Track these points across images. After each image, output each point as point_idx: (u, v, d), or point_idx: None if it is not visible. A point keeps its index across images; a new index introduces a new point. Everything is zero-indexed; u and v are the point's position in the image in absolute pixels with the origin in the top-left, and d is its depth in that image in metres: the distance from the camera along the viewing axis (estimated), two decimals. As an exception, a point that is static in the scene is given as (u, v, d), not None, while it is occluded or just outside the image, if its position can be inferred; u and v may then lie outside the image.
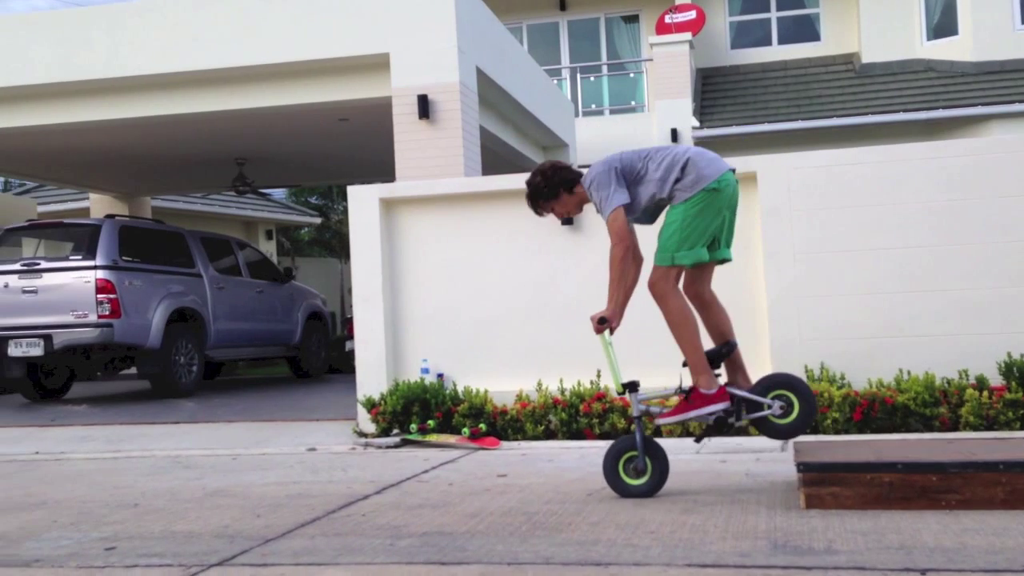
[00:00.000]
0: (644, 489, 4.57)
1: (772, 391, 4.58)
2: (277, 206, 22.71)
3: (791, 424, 4.55)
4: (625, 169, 4.64)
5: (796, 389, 4.58)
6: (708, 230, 4.57)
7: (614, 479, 4.62)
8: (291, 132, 11.92)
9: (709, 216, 4.55)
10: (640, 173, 4.64)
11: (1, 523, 4.74)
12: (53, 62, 9.87)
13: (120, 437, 8.02)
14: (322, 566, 3.64)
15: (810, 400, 4.55)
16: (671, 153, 4.65)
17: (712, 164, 4.59)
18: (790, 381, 4.63)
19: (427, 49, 9.24)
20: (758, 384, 4.65)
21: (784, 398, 4.57)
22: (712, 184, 4.52)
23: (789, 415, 4.54)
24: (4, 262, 10.52)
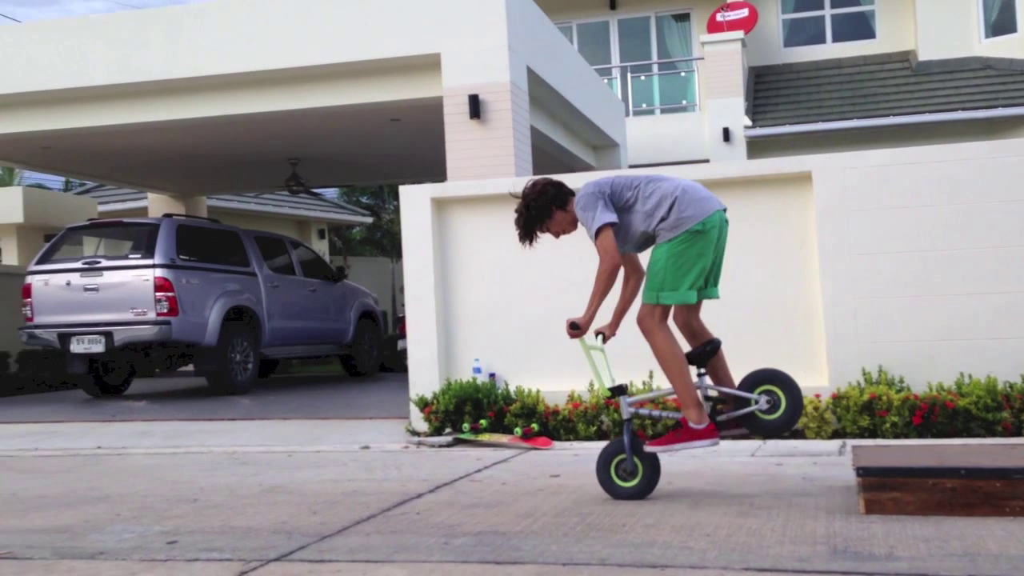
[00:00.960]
0: (635, 491, 4.60)
1: (759, 387, 4.55)
2: (329, 205, 22.94)
3: (778, 419, 4.51)
4: (614, 195, 4.63)
5: (783, 384, 4.54)
6: (692, 271, 4.52)
7: (607, 481, 4.67)
8: (343, 132, 12.04)
9: (692, 257, 4.51)
10: (629, 202, 4.62)
11: (66, 516, 4.86)
12: (111, 64, 10.07)
13: (179, 433, 8.17)
14: (378, 563, 3.67)
15: (796, 395, 4.51)
16: (660, 188, 4.59)
17: (697, 205, 4.54)
18: (776, 376, 4.58)
19: (478, 49, 9.27)
20: (745, 380, 4.61)
21: (771, 393, 4.53)
22: (695, 226, 4.50)
23: (776, 411, 4.51)
24: (66, 260, 10.77)
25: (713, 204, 4.58)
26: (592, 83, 12.92)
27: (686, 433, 4.53)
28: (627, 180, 4.69)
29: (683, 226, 4.50)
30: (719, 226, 4.57)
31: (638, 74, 18.02)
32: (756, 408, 4.52)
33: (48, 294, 10.50)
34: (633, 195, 4.62)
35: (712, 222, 4.53)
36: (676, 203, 4.52)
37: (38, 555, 4.03)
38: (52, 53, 10.20)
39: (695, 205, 4.52)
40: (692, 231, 4.49)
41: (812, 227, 7.04)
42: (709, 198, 4.61)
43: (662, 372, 4.69)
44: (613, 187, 4.64)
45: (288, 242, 13.07)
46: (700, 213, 4.51)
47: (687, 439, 4.52)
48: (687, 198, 4.53)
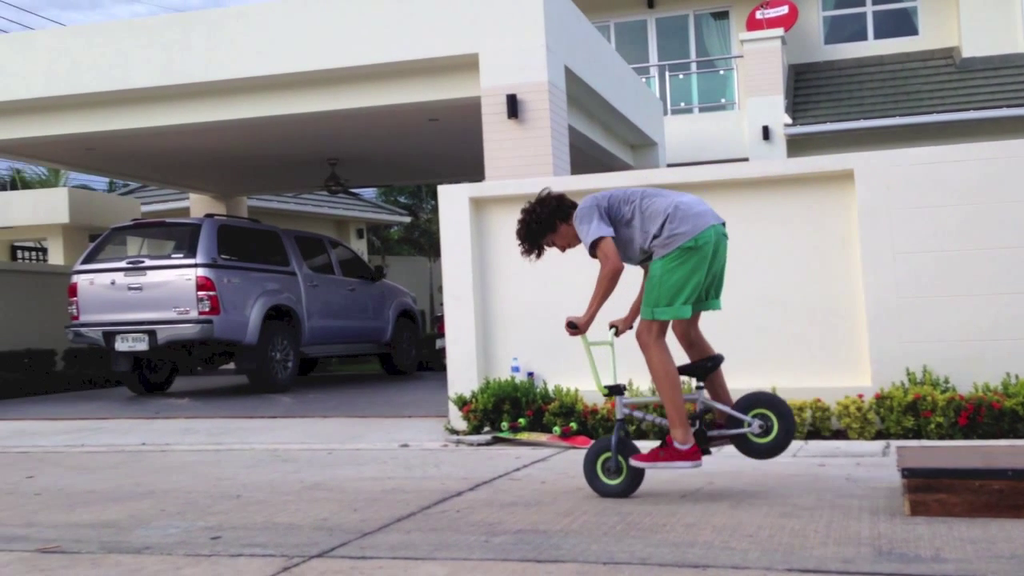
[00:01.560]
0: (619, 488, 4.67)
1: (753, 409, 4.59)
2: (367, 205, 23.08)
3: (769, 444, 4.56)
4: (611, 209, 4.68)
5: (777, 409, 4.59)
6: (686, 287, 4.55)
7: (592, 478, 4.75)
8: (382, 132, 12.11)
9: (686, 273, 4.54)
10: (626, 217, 4.67)
11: (113, 511, 4.93)
12: (154, 66, 10.21)
13: (221, 430, 8.26)
14: (419, 561, 3.69)
15: (789, 422, 4.55)
16: (655, 204, 4.63)
17: (691, 221, 4.56)
18: (772, 401, 4.63)
19: (516, 49, 9.28)
20: (740, 401, 4.65)
21: (764, 418, 4.57)
22: (687, 243, 4.53)
23: (768, 435, 4.56)
24: (111, 260, 10.94)
25: (707, 220, 4.60)
26: (630, 82, 12.88)
27: (670, 452, 4.57)
28: (625, 195, 4.73)
29: (675, 243, 4.54)
30: (714, 241, 4.59)
31: (676, 72, 17.93)
32: (748, 430, 4.57)
33: (93, 293, 10.67)
34: (630, 210, 4.68)
35: (705, 238, 4.55)
36: (668, 220, 4.57)
37: (85, 549, 4.10)
38: (96, 56, 10.37)
39: (688, 221, 4.56)
40: (684, 247, 4.53)
41: (854, 226, 6.96)
42: (703, 214, 4.62)
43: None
44: (611, 201, 4.70)
45: (327, 241, 13.17)
46: (692, 230, 4.54)
47: (670, 458, 4.57)
48: (680, 215, 4.57)
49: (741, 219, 7.35)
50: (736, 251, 7.29)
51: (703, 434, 4.64)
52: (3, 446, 8.06)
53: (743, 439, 4.60)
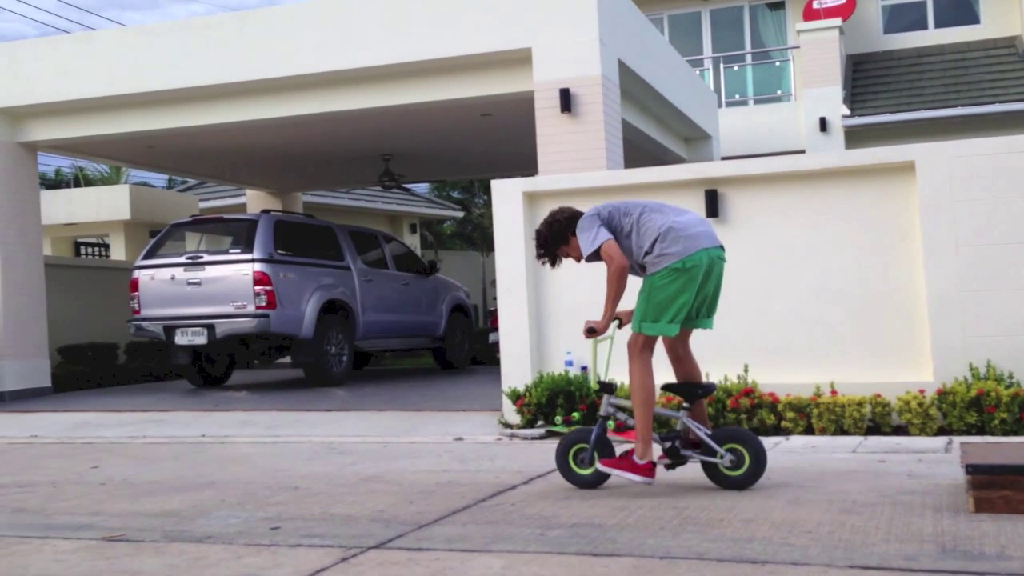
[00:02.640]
0: (590, 479, 4.85)
1: (727, 443, 4.73)
2: (421, 200, 23.20)
3: (738, 477, 4.70)
4: (611, 220, 4.79)
5: (749, 445, 4.71)
6: (672, 306, 4.65)
7: (564, 467, 4.93)
8: (435, 128, 12.16)
9: (672, 293, 4.64)
10: (625, 230, 4.77)
11: (175, 501, 5.03)
12: (212, 65, 10.37)
13: (278, 423, 8.38)
14: (475, 553, 3.71)
15: (761, 458, 4.69)
16: (651, 221, 4.72)
17: (682, 242, 4.63)
18: (746, 438, 4.75)
19: (569, 43, 9.25)
20: (717, 432, 4.80)
21: (736, 452, 4.71)
22: (675, 263, 4.62)
23: (738, 468, 4.70)
24: (171, 255, 11.13)
25: (700, 243, 4.66)
26: (684, 74, 12.77)
27: (627, 463, 4.71)
28: (626, 208, 4.83)
29: (663, 262, 4.64)
30: (705, 265, 4.66)
31: (731, 64, 17.73)
32: (720, 462, 4.71)
33: (154, 288, 10.87)
34: (629, 223, 4.77)
35: (694, 261, 4.62)
36: (660, 239, 4.66)
37: (149, 538, 4.19)
38: (156, 55, 10.56)
39: (679, 243, 4.64)
40: (672, 268, 4.63)
41: (915, 218, 6.83)
42: (697, 236, 4.68)
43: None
44: (612, 213, 4.81)
45: (381, 237, 13.26)
46: (682, 251, 4.62)
47: (626, 469, 4.71)
48: (672, 235, 4.65)
49: (798, 212, 7.27)
50: (792, 245, 7.24)
51: (676, 451, 4.79)
52: (69, 437, 8.27)
53: (713, 468, 4.76)
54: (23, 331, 11.29)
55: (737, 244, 7.37)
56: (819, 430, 6.56)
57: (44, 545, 4.14)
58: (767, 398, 6.79)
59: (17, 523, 4.64)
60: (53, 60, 10.94)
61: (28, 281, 11.44)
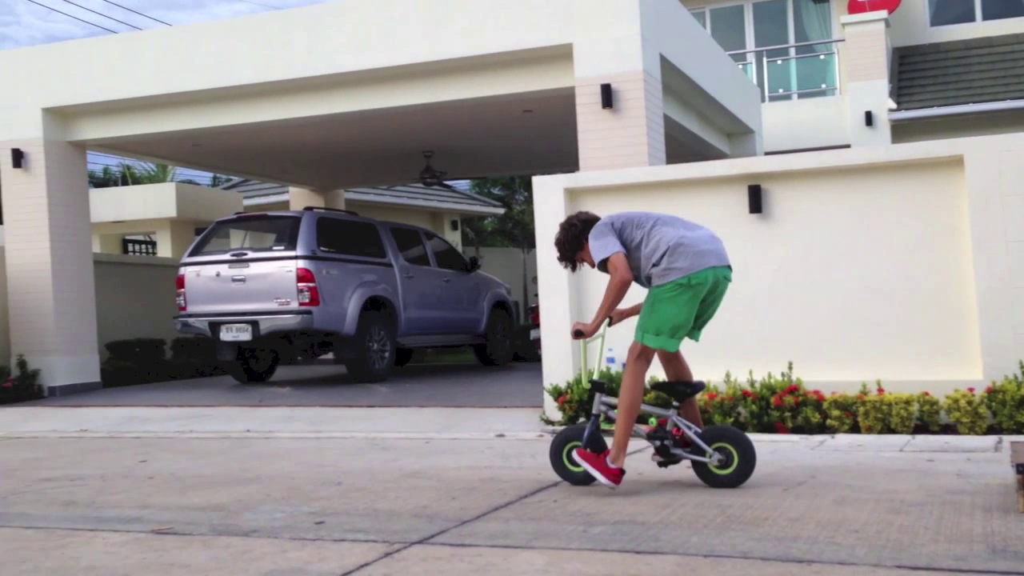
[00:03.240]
0: (584, 476, 4.87)
1: (716, 442, 4.77)
2: (462, 197, 23.26)
3: (727, 476, 4.75)
4: (624, 230, 4.86)
5: (738, 444, 4.75)
6: (676, 320, 4.72)
7: (558, 464, 4.98)
8: (477, 124, 12.18)
9: (677, 307, 4.70)
10: (636, 241, 4.83)
11: (221, 495, 5.10)
12: (256, 63, 10.48)
13: (321, 418, 8.45)
14: (518, 549, 3.71)
15: (749, 457, 4.73)
16: (662, 235, 4.76)
17: (690, 259, 4.68)
18: (735, 437, 4.79)
19: (610, 38, 9.22)
20: (706, 432, 4.84)
21: (725, 451, 4.76)
22: (681, 279, 4.67)
23: (727, 467, 4.75)
24: (216, 252, 11.27)
25: (707, 261, 4.70)
26: (726, 69, 12.67)
27: (600, 463, 4.77)
28: (639, 219, 4.88)
29: (669, 276, 4.69)
30: (710, 283, 4.72)
31: (774, 58, 17.54)
32: (709, 461, 4.76)
33: (199, 285, 11.02)
34: (641, 235, 4.82)
35: (699, 279, 4.68)
36: (668, 252, 4.70)
37: (197, 531, 4.25)
38: (201, 55, 10.69)
39: (687, 258, 4.68)
40: (677, 283, 4.67)
41: (964, 214, 6.72)
42: (706, 253, 4.72)
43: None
44: (625, 223, 4.88)
45: (423, 233, 13.32)
46: (689, 267, 4.67)
47: (596, 467, 4.77)
48: (681, 250, 4.69)
49: (843, 208, 7.17)
50: (837, 241, 7.15)
51: (667, 449, 4.84)
52: (117, 431, 8.41)
53: (703, 467, 4.80)
54: (73, 327, 11.51)
55: (781, 240, 7.31)
56: (865, 428, 6.48)
57: (95, 537, 4.21)
58: (812, 396, 6.72)
59: (68, 515, 4.73)
60: (101, 60, 11.13)
61: (78, 278, 11.65)
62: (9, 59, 11.62)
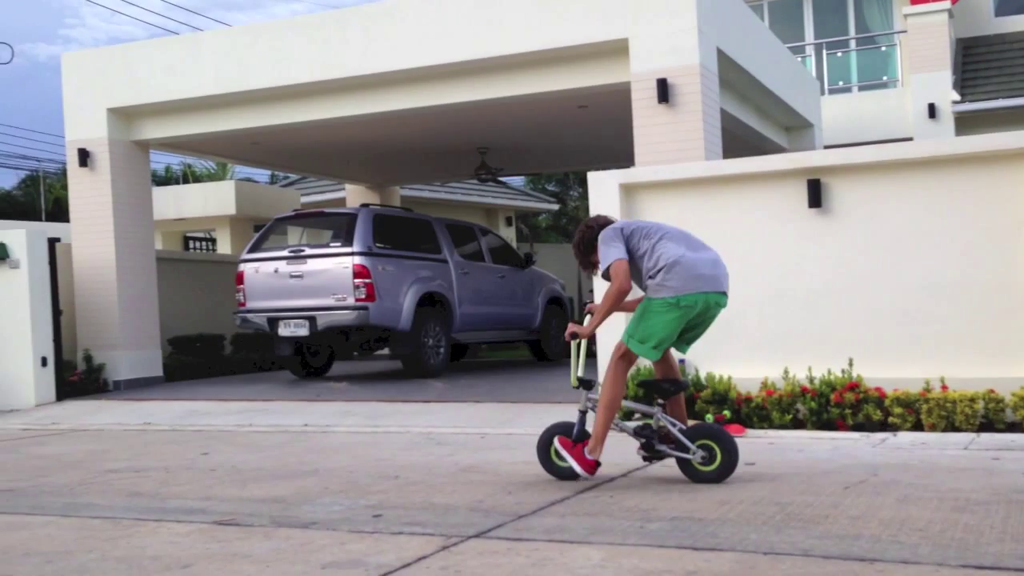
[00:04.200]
0: (571, 471, 4.96)
1: (699, 439, 4.86)
2: (516, 193, 23.27)
3: (710, 472, 4.83)
4: (631, 239, 4.94)
5: (720, 442, 4.85)
6: (660, 335, 4.81)
7: (545, 459, 5.09)
8: (531, 120, 12.18)
9: (664, 323, 4.79)
10: (640, 251, 4.91)
11: (281, 488, 5.18)
12: (313, 62, 10.59)
13: (377, 413, 8.53)
14: (574, 544, 3.71)
15: (732, 455, 4.82)
16: (664, 251, 4.82)
17: (685, 281, 4.74)
18: (718, 435, 4.89)
19: (666, 32, 9.15)
20: (690, 429, 4.93)
21: (708, 449, 4.85)
22: (670, 298, 4.77)
23: (710, 464, 4.84)
24: (274, 249, 11.42)
25: (700, 286, 4.77)
26: (785, 61, 12.49)
27: (577, 452, 4.92)
28: (649, 230, 4.96)
29: (661, 292, 4.78)
30: (699, 308, 4.79)
31: (834, 50, 17.26)
32: (692, 458, 4.85)
33: (258, 281, 11.17)
34: (647, 246, 4.89)
35: (688, 301, 4.76)
36: (665, 269, 4.78)
37: (258, 523, 4.32)
38: (261, 54, 10.84)
39: (680, 279, 4.76)
40: (667, 301, 4.77)
41: (1032, 207, 6.54)
42: (702, 278, 4.78)
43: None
44: (634, 232, 4.96)
45: (477, 229, 13.35)
46: (680, 288, 4.75)
47: (573, 455, 4.92)
48: (676, 270, 4.77)
49: (905, 201, 7.04)
50: (899, 235, 7.02)
51: (652, 445, 4.94)
52: (180, 424, 8.58)
53: (687, 463, 4.89)
54: (137, 323, 11.76)
55: (841, 235, 7.20)
56: (928, 426, 6.36)
57: (160, 527, 4.31)
58: (873, 393, 6.61)
59: (134, 506, 4.84)
60: (163, 61, 11.34)
61: (141, 275, 11.90)
62: (75, 61, 11.89)
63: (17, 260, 10.61)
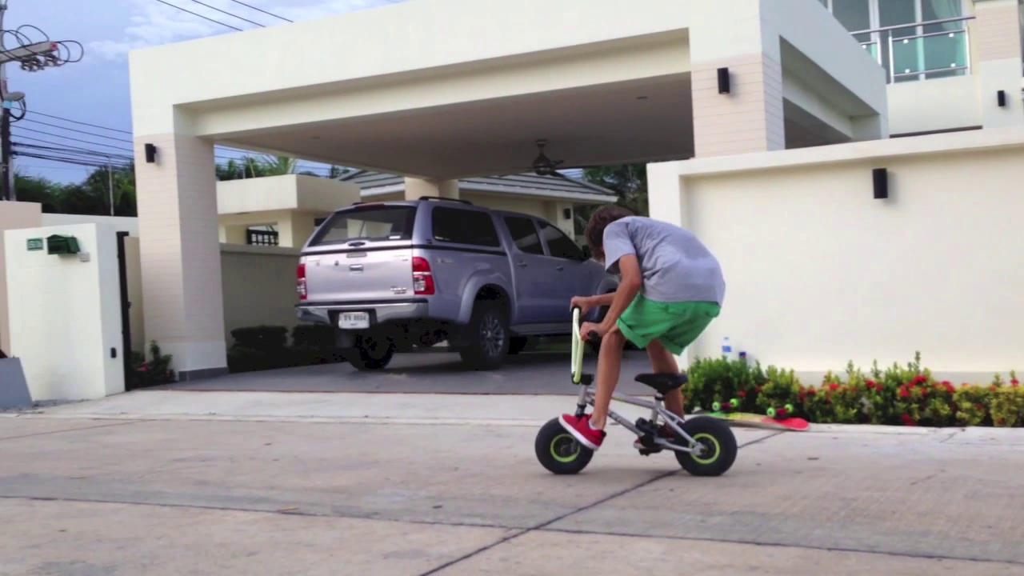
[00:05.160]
0: (572, 466, 5.05)
1: (698, 432, 4.92)
2: (574, 185, 23.21)
3: (709, 465, 4.89)
4: (635, 235, 4.99)
5: (719, 435, 4.90)
6: (649, 328, 4.91)
7: (545, 456, 5.11)
8: (590, 112, 12.13)
9: (654, 319, 4.88)
10: (641, 251, 4.94)
11: (343, 478, 5.24)
12: (374, 56, 10.67)
13: (436, 405, 8.58)
14: (635, 537, 3.70)
15: (730, 448, 4.87)
16: (663, 252, 4.86)
17: (675, 287, 4.80)
18: (717, 427, 4.95)
19: (727, 21, 9.03)
20: (688, 422, 4.98)
21: (707, 442, 4.90)
22: (660, 303, 4.84)
23: (709, 457, 4.90)
24: (334, 242, 11.54)
25: (690, 294, 4.82)
26: (849, 49, 12.26)
27: (582, 425, 5.04)
28: (653, 230, 5.00)
29: (652, 295, 4.86)
30: (688, 316, 4.87)
31: (900, 37, 16.89)
32: (691, 451, 4.91)
33: (319, 274, 11.31)
34: (650, 245, 4.92)
35: (677, 308, 4.84)
36: (660, 273, 4.85)
37: (321, 512, 4.38)
38: (321, 49, 10.96)
39: (672, 285, 4.82)
40: (656, 303, 4.85)
41: (1109, 196, 6.34)
42: (695, 287, 4.82)
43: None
44: (639, 229, 5.01)
45: (535, 222, 13.34)
46: (670, 295, 4.82)
47: (578, 429, 5.03)
48: (670, 276, 4.82)
49: (974, 191, 6.88)
50: (968, 226, 6.86)
51: (650, 439, 5.00)
52: (243, 415, 8.73)
53: (685, 456, 4.95)
54: (202, 315, 11.99)
55: (907, 225, 7.05)
56: (998, 421, 6.20)
57: (226, 516, 4.39)
58: (941, 387, 6.47)
59: (201, 494, 4.94)
60: (227, 57, 11.53)
61: (206, 267, 12.13)
62: (143, 58, 12.14)
63: (87, 254, 10.88)
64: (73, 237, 10.90)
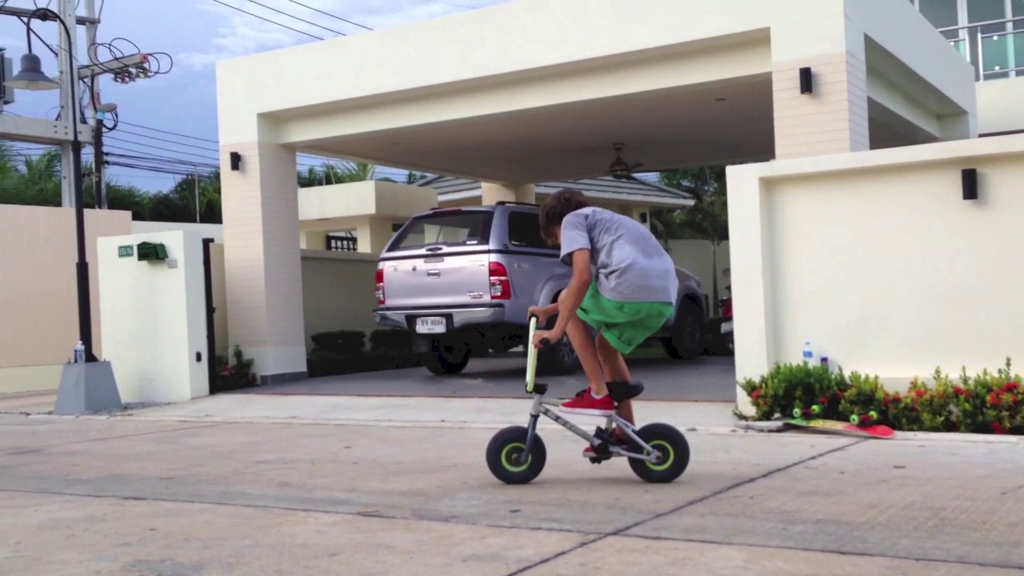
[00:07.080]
0: (522, 476, 5.04)
1: (653, 439, 4.95)
2: (651, 189, 23.06)
3: (663, 472, 4.94)
4: (593, 229, 4.96)
5: (674, 442, 4.95)
6: (602, 315, 4.93)
7: (495, 465, 5.07)
8: (667, 115, 12.03)
9: (607, 311, 4.90)
10: (598, 244, 4.92)
11: (421, 481, 5.29)
12: (452, 62, 10.76)
13: (512, 410, 8.59)
14: (715, 544, 3.65)
15: (684, 454, 4.94)
16: (620, 250, 4.85)
17: (628, 287, 4.80)
18: (671, 434, 4.98)
19: (810, 19, 8.87)
20: (643, 429, 4.99)
21: (662, 448, 4.94)
22: (615, 301, 4.85)
23: (663, 464, 4.95)
24: (412, 247, 11.66)
25: (646, 295, 4.83)
26: (936, 46, 11.93)
27: (587, 401, 5.05)
28: (610, 225, 4.97)
29: (607, 293, 4.86)
30: (643, 315, 4.89)
31: (990, 34, 16.37)
32: (646, 458, 4.94)
33: (397, 279, 11.43)
34: (607, 240, 4.90)
35: (631, 309, 4.86)
36: (617, 274, 4.84)
37: (399, 515, 4.42)
38: (400, 56, 11.09)
39: (631, 288, 4.82)
40: (612, 301, 4.86)
41: None
42: (650, 288, 4.84)
43: None
44: (597, 222, 4.98)
45: (612, 226, 13.25)
46: (626, 295, 4.83)
47: (586, 405, 5.05)
48: (626, 276, 4.82)
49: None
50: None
51: (605, 447, 5.02)
52: (323, 418, 8.87)
53: (640, 463, 4.98)
54: (283, 320, 12.23)
55: (998, 227, 6.83)
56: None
57: (307, 517, 4.46)
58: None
59: (283, 496, 5.03)
60: (309, 66, 11.75)
61: (287, 273, 12.37)
62: (229, 68, 12.45)
63: (175, 260, 11.19)
64: (161, 244, 11.22)
